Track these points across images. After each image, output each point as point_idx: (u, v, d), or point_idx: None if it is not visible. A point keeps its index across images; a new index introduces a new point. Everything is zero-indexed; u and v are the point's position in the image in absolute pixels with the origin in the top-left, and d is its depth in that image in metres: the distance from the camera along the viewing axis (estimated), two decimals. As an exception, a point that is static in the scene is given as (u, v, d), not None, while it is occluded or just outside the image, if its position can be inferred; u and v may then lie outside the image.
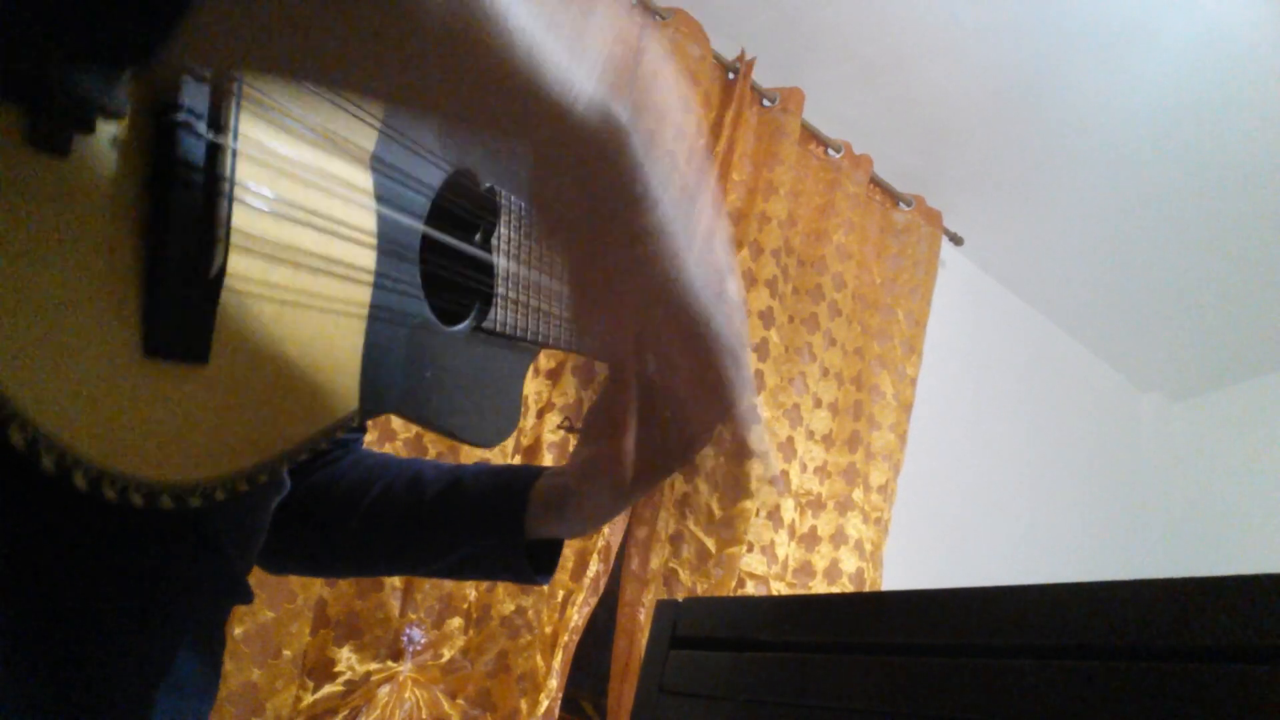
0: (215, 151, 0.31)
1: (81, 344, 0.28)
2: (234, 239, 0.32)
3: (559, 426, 1.57)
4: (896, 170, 2.33)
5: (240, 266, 0.33)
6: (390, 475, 0.64)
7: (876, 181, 2.32)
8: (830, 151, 2.22)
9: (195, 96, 0.31)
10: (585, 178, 0.32)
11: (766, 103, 2.10)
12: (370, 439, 1.45)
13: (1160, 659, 0.41)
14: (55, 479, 0.27)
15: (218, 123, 0.32)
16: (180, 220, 0.30)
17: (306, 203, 0.36)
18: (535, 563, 0.61)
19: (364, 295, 0.40)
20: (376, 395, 0.41)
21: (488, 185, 0.47)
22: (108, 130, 0.28)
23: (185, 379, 0.31)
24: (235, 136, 0.32)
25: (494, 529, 0.60)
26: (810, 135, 2.19)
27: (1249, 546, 2.58)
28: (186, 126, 0.30)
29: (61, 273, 0.27)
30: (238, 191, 0.32)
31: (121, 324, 0.29)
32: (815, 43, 2.07)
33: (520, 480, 0.61)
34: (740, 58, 2.04)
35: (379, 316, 0.40)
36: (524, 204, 0.44)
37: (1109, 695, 0.42)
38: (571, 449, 0.60)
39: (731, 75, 2.04)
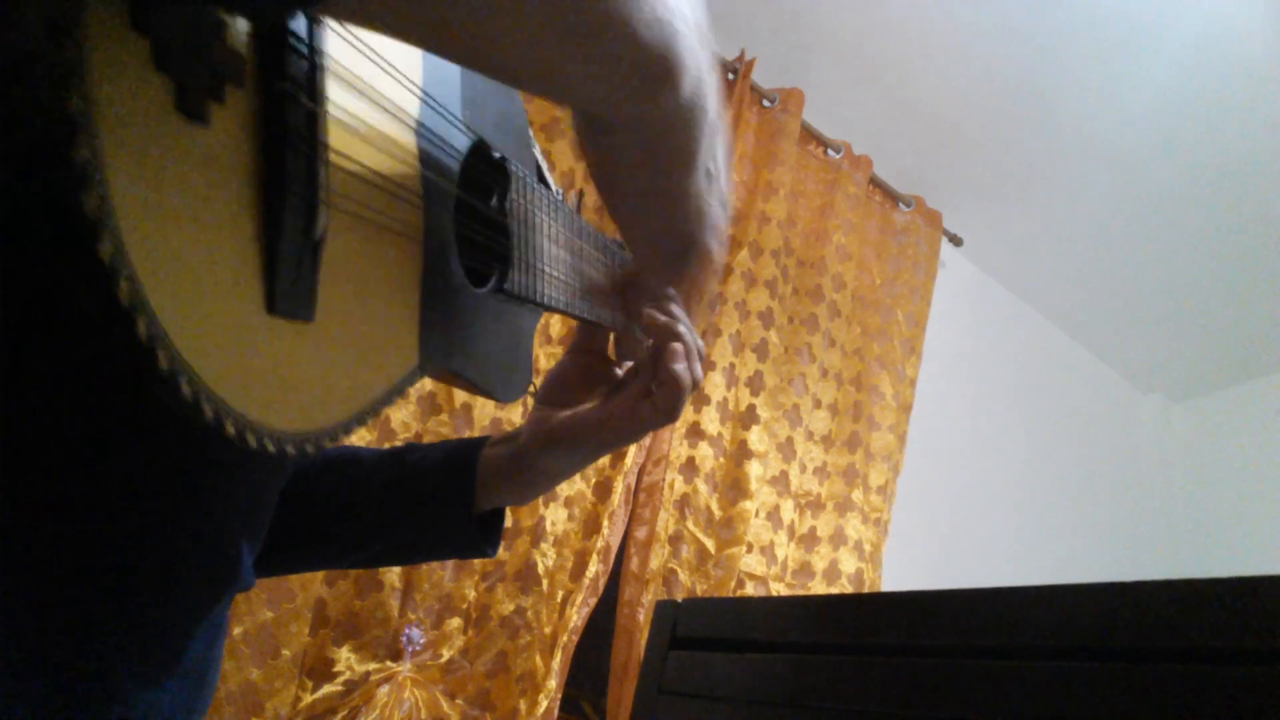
0: (313, 119, 0.34)
1: (227, 303, 0.30)
2: (330, 202, 0.35)
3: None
4: (896, 171, 2.33)
5: (333, 227, 0.35)
6: (325, 459, 0.64)
7: (876, 182, 2.32)
8: (830, 152, 2.22)
9: (295, 65, 0.33)
10: (629, 95, 0.39)
11: (766, 103, 2.10)
12: (370, 438, 1.45)
13: (1160, 659, 0.40)
14: (210, 429, 0.29)
15: (313, 91, 0.34)
16: (292, 184, 0.32)
17: (376, 165, 0.39)
18: (484, 534, 0.62)
19: (418, 254, 0.42)
20: (431, 352, 0.43)
21: (500, 154, 0.48)
22: (234, 100, 0.30)
23: (298, 335, 0.34)
24: (326, 105, 0.35)
25: (443, 501, 0.60)
26: (810, 136, 2.19)
27: (1249, 547, 2.58)
28: (291, 96, 0.32)
29: (209, 235, 0.29)
30: (333, 157, 0.35)
31: (251, 282, 0.31)
32: (815, 43, 2.07)
33: (466, 451, 0.61)
34: (740, 58, 2.04)
35: (429, 275, 0.43)
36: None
37: (1109, 695, 0.42)
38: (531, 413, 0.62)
39: (731, 76, 2.04)
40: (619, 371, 0.61)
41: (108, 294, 0.25)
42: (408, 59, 0.41)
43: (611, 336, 0.61)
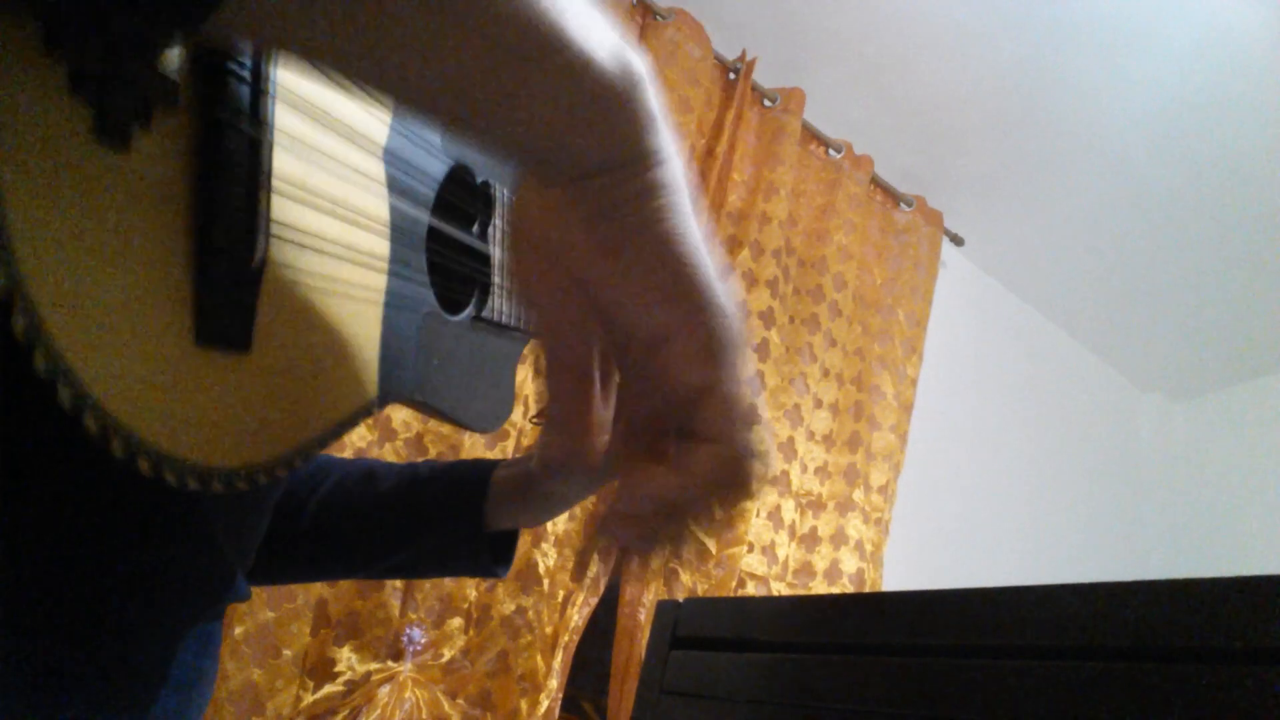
0: (256, 145, 0.32)
1: (145, 334, 0.29)
2: (272, 230, 0.33)
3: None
4: (897, 171, 2.33)
5: (276, 256, 0.34)
6: (339, 472, 0.64)
7: (877, 182, 2.32)
8: (831, 152, 2.22)
9: (236, 90, 0.32)
10: (599, 129, 0.31)
11: (767, 103, 2.10)
12: (370, 438, 1.45)
13: (1160, 659, 0.41)
14: (122, 464, 0.28)
15: (257, 116, 0.32)
16: (226, 212, 0.31)
17: (332, 193, 0.37)
18: (494, 554, 0.62)
19: (380, 283, 0.41)
20: (393, 383, 0.42)
21: (483, 179, 0.48)
22: (162, 125, 0.29)
23: (231, 367, 0.32)
24: (272, 130, 0.33)
25: (454, 519, 0.60)
26: (811, 135, 2.19)
27: (1249, 546, 2.58)
28: (230, 122, 0.31)
29: (126, 264, 0.28)
30: (275, 184, 0.33)
31: (176, 313, 0.30)
32: (816, 43, 2.07)
33: (479, 471, 0.62)
34: (741, 58, 2.04)
35: (394, 304, 0.41)
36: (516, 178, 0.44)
37: (1109, 695, 0.42)
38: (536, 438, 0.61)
39: (732, 75, 2.04)
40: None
41: (4, 327, 0.24)
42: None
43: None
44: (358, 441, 1.43)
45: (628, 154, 0.31)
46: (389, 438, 1.48)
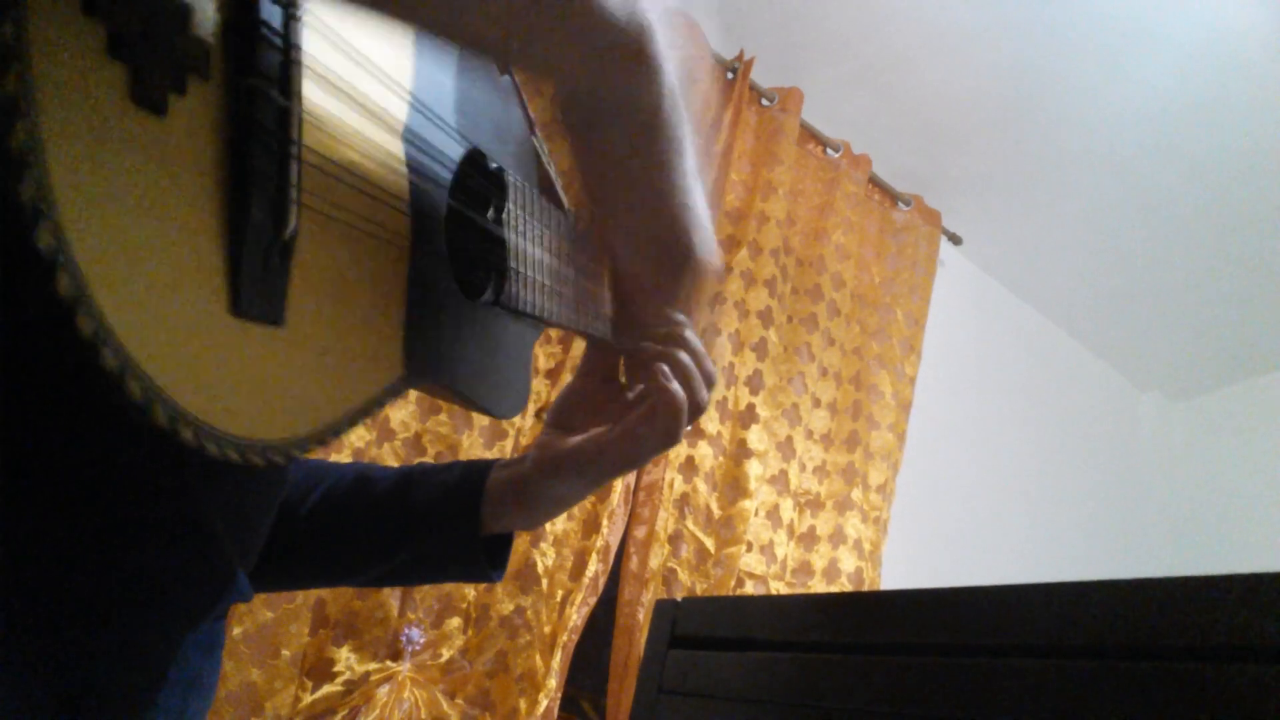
0: (285, 115, 0.32)
1: (182, 303, 0.28)
2: (302, 202, 0.33)
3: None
4: (895, 170, 2.33)
5: (306, 229, 0.34)
6: (334, 475, 0.63)
7: (875, 181, 2.32)
8: (829, 151, 2.22)
9: (266, 59, 0.31)
10: (606, 70, 0.39)
11: (765, 102, 2.10)
12: (369, 438, 1.45)
13: (1160, 659, 0.40)
14: (165, 434, 0.27)
15: (286, 86, 0.32)
16: (258, 183, 0.31)
17: (357, 168, 0.37)
18: (489, 558, 0.61)
19: (405, 262, 0.40)
20: (417, 363, 0.41)
21: (496, 164, 0.48)
22: (197, 92, 0.29)
23: (265, 339, 0.32)
24: (300, 101, 0.33)
25: (449, 522, 0.59)
26: (809, 135, 2.19)
27: (1249, 546, 2.58)
28: (260, 90, 0.31)
29: (163, 231, 0.28)
30: (307, 156, 0.33)
31: (211, 283, 0.30)
32: (814, 43, 2.07)
33: (474, 474, 0.61)
34: (739, 57, 2.04)
35: (416, 284, 0.41)
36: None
37: (1109, 695, 0.42)
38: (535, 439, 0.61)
39: (730, 75, 2.04)
40: (629, 395, 0.60)
41: (49, 287, 0.23)
42: (397, 63, 0.40)
43: (621, 359, 0.60)
44: (356, 441, 1.43)
45: (628, 101, 0.40)
46: (387, 438, 1.48)
